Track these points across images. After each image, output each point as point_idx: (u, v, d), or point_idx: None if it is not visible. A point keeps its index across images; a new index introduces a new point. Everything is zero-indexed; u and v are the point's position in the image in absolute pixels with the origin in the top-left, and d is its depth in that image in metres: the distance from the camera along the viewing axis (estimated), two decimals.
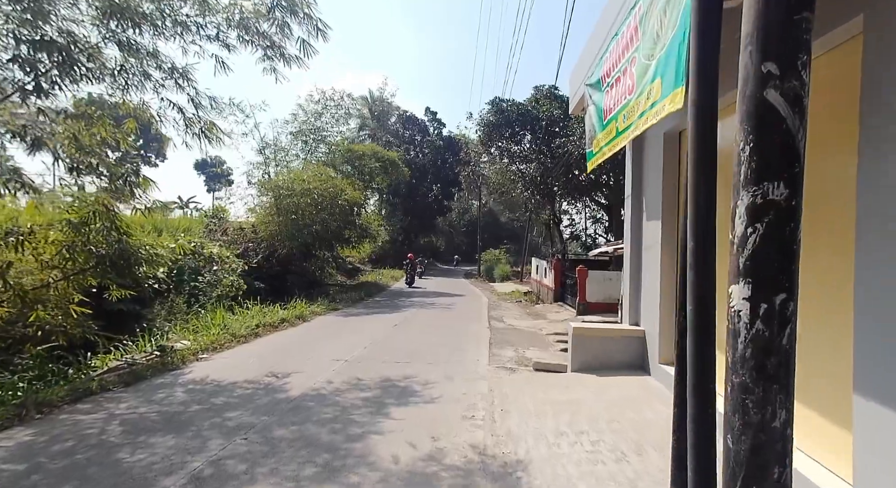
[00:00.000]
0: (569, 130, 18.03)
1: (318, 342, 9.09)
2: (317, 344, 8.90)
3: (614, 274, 14.74)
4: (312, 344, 8.89)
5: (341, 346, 8.58)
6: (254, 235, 17.34)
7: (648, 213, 6.13)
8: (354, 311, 14.17)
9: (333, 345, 8.77)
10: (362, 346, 8.58)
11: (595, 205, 21.18)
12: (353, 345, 8.72)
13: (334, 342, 9.08)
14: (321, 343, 8.98)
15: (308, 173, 16.40)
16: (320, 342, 9.09)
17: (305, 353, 7.97)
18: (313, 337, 9.66)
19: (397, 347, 8.57)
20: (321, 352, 8.11)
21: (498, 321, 12.94)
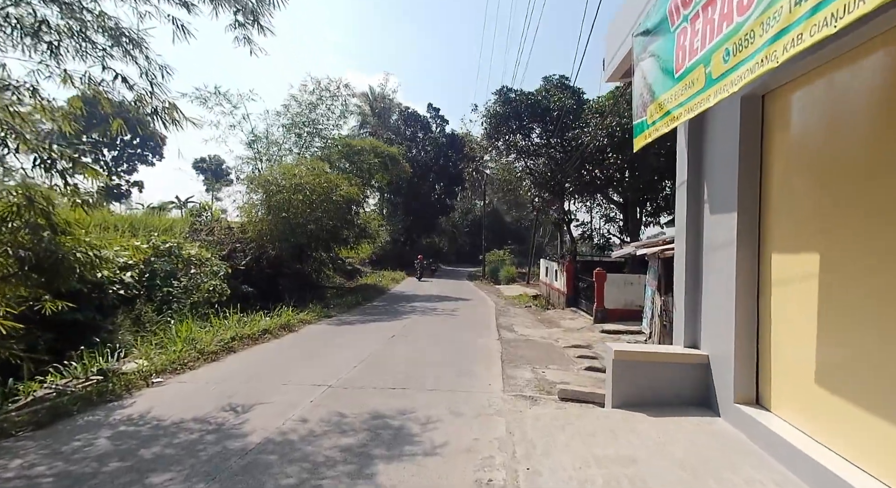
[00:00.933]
0: (582, 122, 16.68)
1: (300, 359, 7.76)
2: (299, 362, 7.57)
3: (635, 277, 13.37)
4: (293, 362, 7.56)
5: (327, 365, 7.24)
6: (242, 235, 16.05)
7: (715, 205, 4.79)
8: (349, 319, 12.85)
9: (318, 363, 7.44)
10: (351, 366, 7.24)
11: (609, 203, 19.81)
12: (342, 363, 7.39)
13: (320, 359, 7.75)
14: (304, 361, 7.65)
15: (299, 168, 15.11)
16: (303, 359, 7.76)
17: (282, 375, 6.64)
18: (297, 352, 8.32)
19: (393, 367, 7.23)
20: (302, 373, 6.78)
21: (508, 330, 11.60)
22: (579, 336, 11.43)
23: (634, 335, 11.51)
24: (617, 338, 11.19)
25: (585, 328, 12.82)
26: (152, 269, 10.61)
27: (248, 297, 15.31)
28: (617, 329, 12.05)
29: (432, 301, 17.92)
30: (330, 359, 7.77)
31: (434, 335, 10.31)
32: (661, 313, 6.90)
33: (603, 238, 20.31)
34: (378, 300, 18.12)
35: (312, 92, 17.53)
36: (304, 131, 17.93)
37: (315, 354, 8.13)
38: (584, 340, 10.77)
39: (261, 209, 15.09)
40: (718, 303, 4.63)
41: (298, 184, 14.09)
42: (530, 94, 17.37)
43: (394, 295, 20.46)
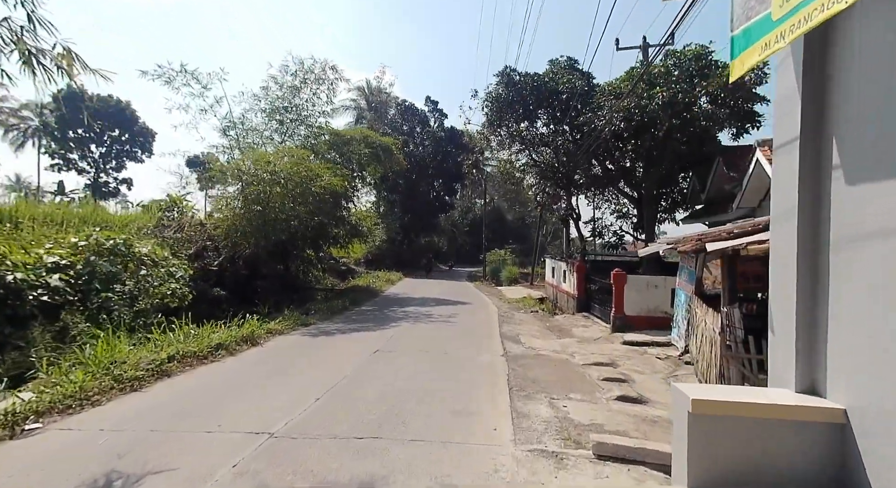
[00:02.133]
0: (594, 105, 14.96)
1: (249, 388, 6.03)
2: (245, 392, 5.84)
3: (660, 279, 11.65)
4: (238, 392, 5.84)
5: (280, 397, 5.53)
6: (215, 232, 14.32)
7: (862, 171, 3.09)
8: (329, 327, 11.12)
9: (270, 394, 5.72)
10: (313, 398, 5.53)
11: (622, 197, 18.10)
12: (301, 394, 5.67)
13: (275, 387, 6.03)
14: (253, 390, 5.92)
15: (275, 155, 13.37)
16: (253, 388, 6.03)
17: (213, 415, 4.92)
18: (250, 377, 6.59)
19: (367, 400, 5.51)
20: (242, 411, 5.06)
21: (514, 342, 9.87)
22: (597, 349, 9.70)
23: (663, 348, 9.80)
24: (643, 352, 9.47)
25: (602, 338, 11.10)
26: (91, 271, 8.88)
27: (219, 302, 13.63)
28: (641, 340, 10.33)
29: (428, 305, 16.19)
30: (288, 386, 6.05)
31: (426, 349, 8.58)
32: (724, 330, 5.17)
33: (615, 235, 18.59)
34: (368, 304, 16.39)
35: (295, 74, 15.85)
36: (285, 118, 16.22)
37: (272, 380, 6.40)
38: (604, 355, 9.04)
39: (234, 203, 13.37)
40: (868, 326, 2.90)
41: (273, 173, 12.35)
42: (536, 76, 15.65)
43: (386, 298, 18.73)
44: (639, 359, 8.83)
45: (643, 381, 7.15)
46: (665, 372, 7.89)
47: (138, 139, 50.41)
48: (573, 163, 16.38)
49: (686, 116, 13.43)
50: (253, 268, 15.44)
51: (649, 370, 7.94)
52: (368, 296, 18.74)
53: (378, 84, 45.52)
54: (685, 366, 8.14)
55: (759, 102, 15.04)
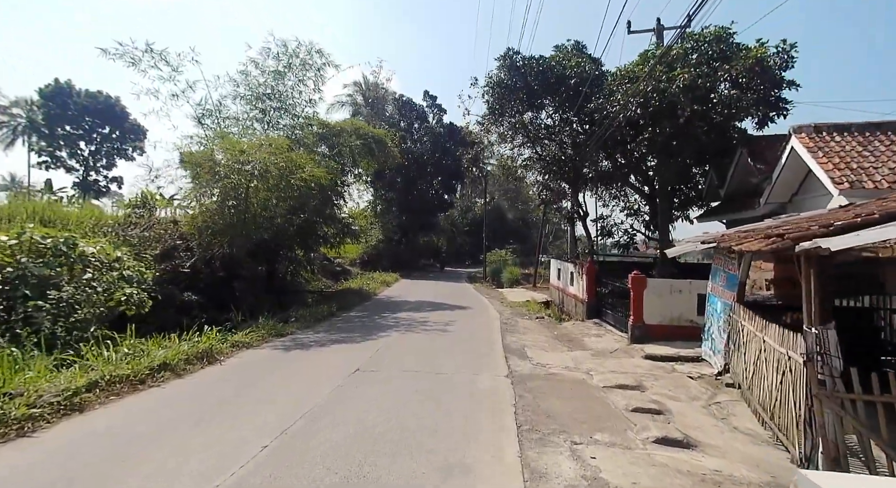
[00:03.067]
0: (605, 91, 13.58)
1: (177, 430, 4.65)
2: (172, 436, 4.46)
3: (685, 283, 10.27)
4: (158, 439, 4.45)
5: (213, 448, 4.15)
6: (188, 230, 12.95)
7: None
8: (309, 338, 9.75)
9: (199, 443, 4.33)
10: (259, 445, 4.16)
11: (635, 192, 16.73)
12: (242, 441, 4.30)
13: (212, 430, 4.65)
14: (181, 434, 4.54)
15: (249, 143, 11.96)
16: (185, 429, 4.65)
17: (101, 484, 3.54)
18: (187, 410, 5.20)
19: (329, 451, 4.14)
20: (147, 474, 3.68)
21: (519, 356, 8.49)
22: (617, 365, 8.32)
23: (693, 364, 8.42)
24: (670, 369, 8.08)
25: (620, 350, 9.72)
26: (19, 275, 7.51)
27: (189, 308, 12.25)
28: (665, 354, 8.95)
29: (423, 309, 14.82)
30: (232, 427, 4.67)
31: (416, 369, 7.20)
32: (812, 359, 3.79)
33: (626, 234, 17.21)
34: (357, 309, 15.01)
35: (277, 57, 14.48)
36: (268, 106, 14.85)
37: (215, 417, 5.01)
38: (626, 373, 7.67)
39: (206, 197, 12.00)
40: None
41: (246, 163, 10.97)
42: (541, 60, 14.25)
43: (379, 301, 17.36)
44: (667, 378, 7.45)
45: (682, 412, 5.78)
46: (704, 397, 6.51)
47: (129, 136, 48.99)
48: (582, 156, 14.99)
49: (712, 100, 12.04)
50: (231, 269, 14.05)
51: (684, 395, 6.56)
52: (360, 299, 17.37)
53: (375, 79, 44.12)
54: (727, 391, 6.76)
55: (788, 88, 13.66)
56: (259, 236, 14.59)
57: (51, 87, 45.90)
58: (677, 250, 8.29)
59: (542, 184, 21.08)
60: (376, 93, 43.62)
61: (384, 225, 36.49)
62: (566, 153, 16.24)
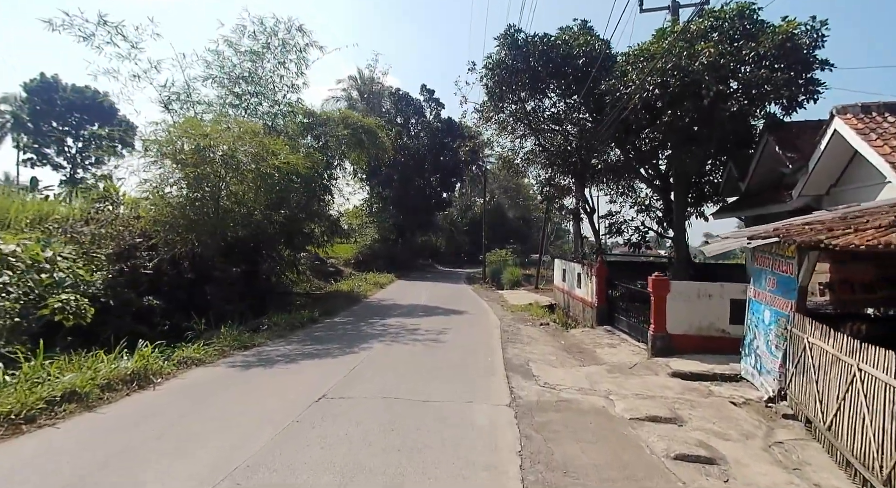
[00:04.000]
0: (617, 71, 12.20)
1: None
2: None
3: (715, 287, 8.86)
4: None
5: None
6: (147, 226, 11.55)
7: None
8: (277, 352, 8.35)
9: None
10: None
11: (648, 186, 15.33)
12: None
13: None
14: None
15: (212, 125, 10.50)
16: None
17: None
18: (67, 468, 3.81)
19: None
20: None
21: (524, 375, 7.10)
22: (640, 386, 6.93)
23: (732, 384, 7.02)
24: (706, 391, 6.68)
25: (640, 365, 8.32)
26: None
27: (150, 314, 10.88)
28: (696, 371, 7.55)
29: (415, 315, 13.43)
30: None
31: (396, 394, 5.81)
32: None
33: (637, 232, 15.80)
34: (343, 314, 13.62)
35: (254, 36, 13.06)
36: (244, 90, 13.44)
37: (94, 481, 3.61)
38: (653, 396, 6.28)
39: (167, 187, 10.61)
40: None
41: (208, 148, 9.58)
42: (546, 38, 12.82)
43: (368, 306, 15.97)
44: (706, 405, 6.06)
45: (739, 459, 4.39)
46: (759, 434, 5.12)
47: (118, 132, 47.48)
48: (589, 145, 13.58)
49: (740, 79, 10.67)
50: (202, 270, 12.66)
51: (734, 430, 5.16)
52: (348, 303, 15.99)
53: (371, 73, 42.79)
54: (788, 425, 5.37)
55: (820, 68, 12.27)
56: (234, 234, 13.25)
57: (36, 81, 44.50)
58: (718, 247, 6.88)
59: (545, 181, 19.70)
60: (372, 87, 42.28)
61: (380, 224, 35.11)
62: (572, 143, 14.84)
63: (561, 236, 55.36)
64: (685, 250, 14.79)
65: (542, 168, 18.52)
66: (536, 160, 17.71)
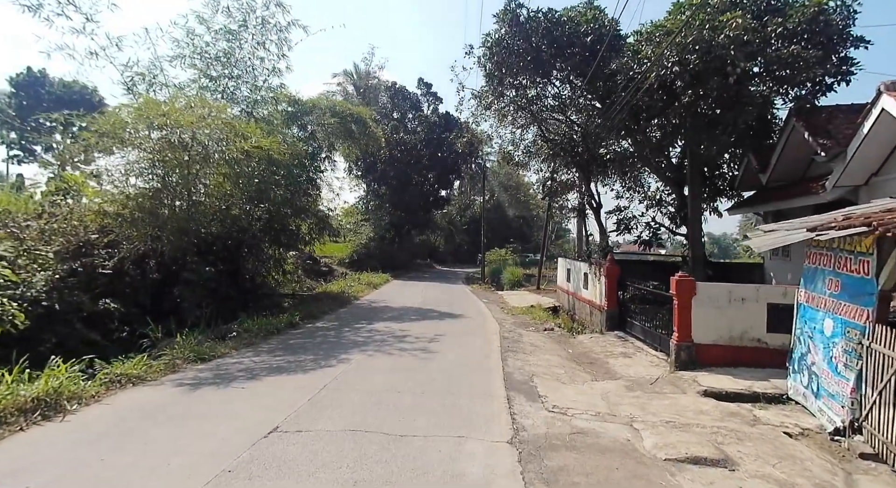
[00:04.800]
0: (629, 50, 11.02)
1: None
2: None
3: (749, 290, 7.66)
4: None
5: None
6: (112, 222, 10.36)
7: None
8: (239, 365, 7.16)
9: None
10: None
11: (659, 179, 14.17)
12: None
13: None
14: None
15: (169, 104, 9.24)
16: None
17: None
18: None
19: None
20: None
21: (528, 395, 5.90)
22: (670, 408, 5.74)
23: (779, 408, 5.84)
24: (750, 417, 5.49)
25: (663, 380, 7.13)
26: None
27: (107, 318, 9.71)
28: (732, 389, 6.36)
29: (406, 319, 12.25)
30: None
31: (367, 426, 4.62)
32: None
33: (648, 228, 14.60)
34: (327, 318, 12.43)
35: (229, 13, 11.86)
36: (221, 72, 12.25)
37: None
38: (691, 426, 5.10)
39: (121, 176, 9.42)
40: None
41: (164, 128, 8.39)
42: (550, 13, 11.60)
43: (357, 308, 14.78)
44: (756, 437, 4.86)
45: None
46: (839, 483, 3.93)
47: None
48: (597, 134, 12.39)
49: (768, 55, 9.48)
50: (170, 270, 11.46)
51: (803, 477, 3.97)
52: (335, 305, 14.79)
53: (367, 67, 41.61)
54: (867, 467, 4.19)
55: (854, 46, 11.10)
56: (208, 230, 12.06)
57: (22, 75, 43.30)
58: (771, 241, 5.65)
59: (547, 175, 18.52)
60: (368, 82, 41.11)
61: (376, 222, 33.88)
62: (577, 133, 13.66)
63: (562, 235, 54.17)
64: (701, 248, 13.61)
65: (543, 161, 17.34)
66: (539, 153, 16.53)
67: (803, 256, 12.39)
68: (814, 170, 12.57)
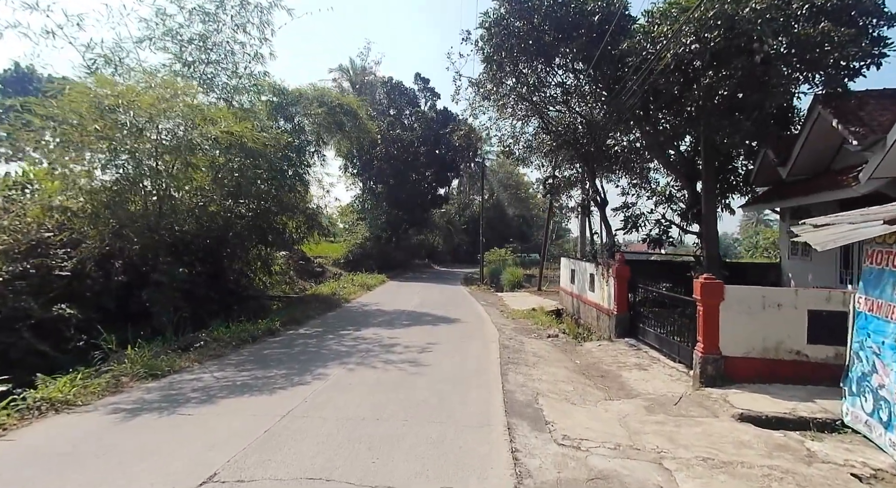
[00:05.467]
0: (639, 30, 10.04)
1: None
2: None
3: (787, 294, 6.69)
4: None
5: None
6: (71, 219, 9.37)
7: None
8: (196, 383, 6.17)
9: None
10: None
11: (670, 173, 13.19)
12: None
13: None
14: None
15: (129, 87, 8.26)
16: None
17: None
18: None
19: None
20: None
21: (532, 423, 4.92)
22: (703, 438, 4.76)
23: (837, 439, 4.88)
24: (803, 450, 4.52)
25: (687, 398, 6.16)
26: None
27: (62, 326, 8.73)
28: (775, 413, 5.38)
29: (398, 324, 11.28)
30: None
31: (332, 473, 3.64)
32: None
33: (658, 226, 13.61)
34: (312, 322, 11.45)
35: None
36: (196, 57, 11.26)
37: None
38: (733, 466, 4.12)
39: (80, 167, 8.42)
40: None
41: (115, 109, 7.40)
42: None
43: (346, 312, 13.80)
44: (818, 481, 3.89)
45: None
46: None
47: None
48: (604, 124, 11.42)
49: (794, 33, 8.51)
50: (140, 271, 10.47)
51: None
52: (323, 308, 13.82)
53: (363, 62, 40.69)
54: None
55: (887, 24, 10.13)
56: (181, 228, 11.09)
57: (10, 71, 42.29)
58: (832, 237, 4.64)
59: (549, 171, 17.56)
60: (364, 78, 40.20)
61: (372, 221, 32.89)
62: (582, 123, 12.68)
63: (562, 235, 53.24)
64: (716, 247, 12.64)
65: (545, 155, 16.37)
66: (540, 147, 15.54)
67: (827, 255, 11.27)
68: (839, 162, 11.62)
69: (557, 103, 13.58)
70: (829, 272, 11.65)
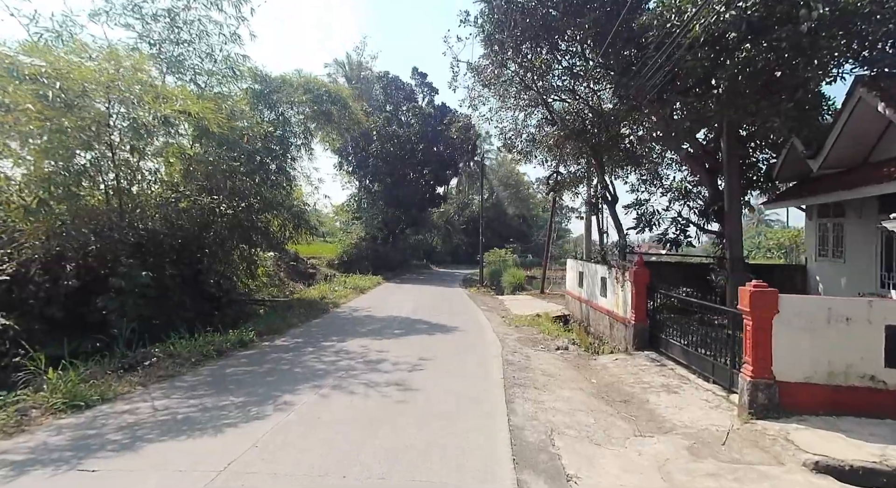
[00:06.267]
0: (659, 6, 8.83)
1: None
2: None
3: (860, 305, 5.47)
4: None
5: None
6: (10, 214, 8.15)
7: None
8: (126, 418, 4.97)
9: None
10: None
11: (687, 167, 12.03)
12: None
13: None
14: None
15: (66, 60, 7.05)
16: None
17: None
18: None
19: None
20: None
21: (548, 477, 3.72)
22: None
23: None
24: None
25: (738, 437, 4.95)
26: None
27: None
28: (857, 461, 4.18)
29: (389, 333, 10.07)
30: None
31: None
32: None
33: (676, 224, 12.40)
34: (291, 332, 10.23)
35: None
36: (161, 35, 10.05)
37: None
38: None
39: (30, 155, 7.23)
40: None
41: (32, 77, 6.19)
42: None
43: (335, 317, 12.60)
44: None
45: None
46: None
47: None
48: (620, 109, 10.23)
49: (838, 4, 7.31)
50: (98, 275, 9.25)
51: None
52: (309, 314, 12.61)
53: (359, 57, 39.45)
54: None
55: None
56: (147, 226, 9.89)
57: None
58: None
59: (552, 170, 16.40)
60: (360, 73, 38.96)
61: (368, 220, 31.70)
62: (591, 112, 11.50)
63: (562, 235, 51.99)
64: (740, 248, 11.43)
65: (549, 150, 15.17)
66: (545, 141, 14.33)
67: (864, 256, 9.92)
68: (879, 154, 10.48)
69: (564, 91, 12.40)
70: (867, 275, 10.48)
